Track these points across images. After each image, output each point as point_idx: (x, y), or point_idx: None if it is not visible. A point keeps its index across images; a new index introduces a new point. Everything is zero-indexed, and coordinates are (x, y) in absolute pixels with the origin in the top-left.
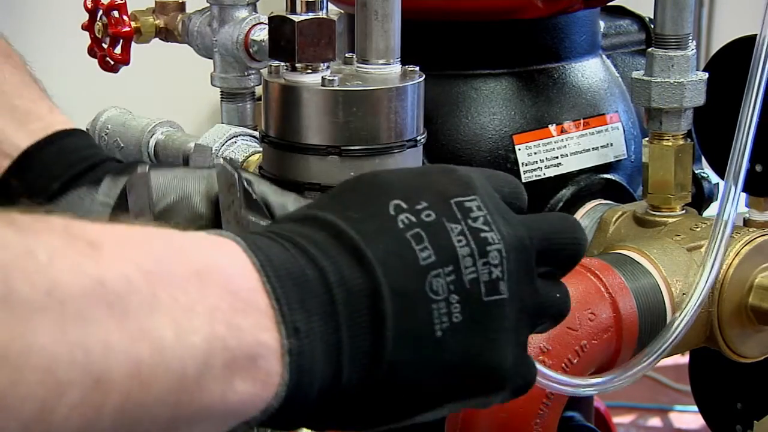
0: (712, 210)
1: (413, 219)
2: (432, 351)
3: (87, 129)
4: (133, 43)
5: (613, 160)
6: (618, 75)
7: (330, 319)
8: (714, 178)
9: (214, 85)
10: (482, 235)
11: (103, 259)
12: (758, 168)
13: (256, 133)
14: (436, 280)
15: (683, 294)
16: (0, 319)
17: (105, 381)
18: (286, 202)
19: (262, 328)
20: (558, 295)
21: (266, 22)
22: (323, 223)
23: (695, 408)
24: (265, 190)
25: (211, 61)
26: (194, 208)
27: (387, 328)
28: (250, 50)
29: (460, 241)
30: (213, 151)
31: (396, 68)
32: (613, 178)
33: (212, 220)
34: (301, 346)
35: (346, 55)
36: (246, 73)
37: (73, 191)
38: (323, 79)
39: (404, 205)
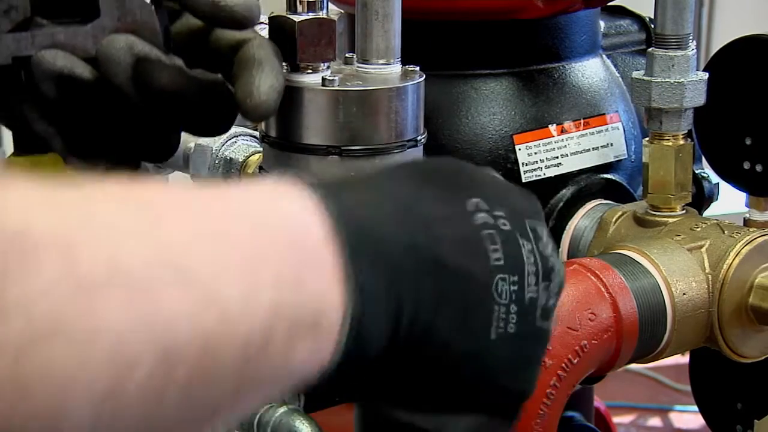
0: (712, 210)
1: (490, 221)
2: (483, 350)
3: None
4: None
5: (613, 160)
6: (618, 75)
7: (395, 285)
8: (714, 178)
9: None
10: (550, 262)
11: (164, 223)
12: (758, 168)
13: (257, 133)
14: (502, 283)
15: (683, 294)
16: (64, 295)
17: (173, 353)
18: None
19: (327, 286)
20: None
21: (266, 22)
22: (396, 195)
23: (695, 408)
24: None
25: None
26: None
27: (446, 305)
28: None
29: (528, 258)
30: (213, 151)
31: (396, 68)
32: (614, 178)
33: None
34: (363, 311)
35: (347, 55)
36: None
37: None
38: (323, 79)
39: (484, 206)
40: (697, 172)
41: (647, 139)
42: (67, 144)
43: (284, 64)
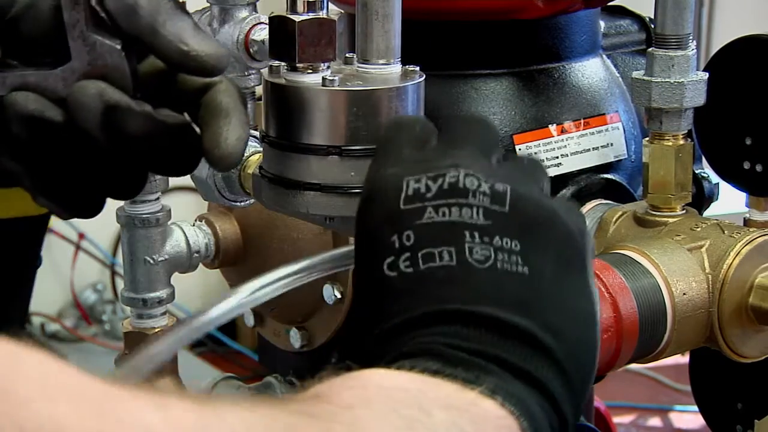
0: (712, 210)
1: (408, 254)
2: (539, 281)
3: None
4: None
5: (613, 160)
6: (618, 75)
7: (472, 352)
8: (714, 178)
9: None
10: (444, 187)
11: None
12: (758, 168)
13: (257, 133)
14: (475, 254)
15: (683, 294)
16: None
17: None
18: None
19: (454, 391)
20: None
21: (266, 22)
22: (391, 335)
23: (695, 408)
24: None
25: None
26: (42, 18)
27: (518, 319)
28: (251, 50)
29: (443, 214)
30: None
31: (396, 68)
32: (614, 178)
33: (59, 33)
34: (490, 382)
35: (347, 55)
36: (246, 73)
37: None
38: (323, 79)
39: (391, 258)
40: (697, 172)
41: (647, 139)
42: (35, 183)
43: (284, 63)
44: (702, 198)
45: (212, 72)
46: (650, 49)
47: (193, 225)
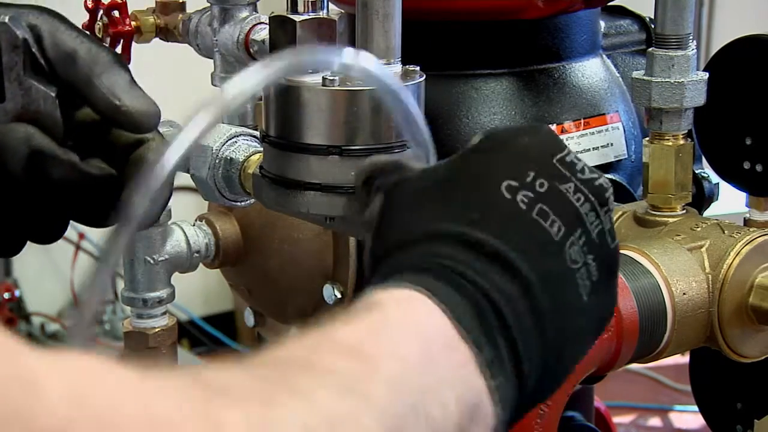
0: (712, 210)
1: (530, 195)
2: (581, 315)
3: None
4: (133, 43)
5: (613, 159)
6: (618, 75)
7: (509, 342)
8: (714, 178)
9: (215, 85)
10: (596, 183)
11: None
12: (758, 168)
13: (257, 133)
14: (572, 249)
15: (683, 294)
16: None
17: None
18: (78, 49)
19: (475, 376)
20: None
21: (267, 21)
22: (461, 240)
23: (695, 408)
24: (64, 40)
25: (212, 60)
26: None
27: (546, 321)
28: (251, 50)
29: (578, 199)
30: (213, 151)
31: (397, 68)
32: (614, 178)
33: None
34: (499, 381)
35: None
36: None
37: None
38: (324, 78)
39: (515, 183)
40: (697, 172)
41: (647, 139)
42: None
43: None
44: (702, 198)
45: (140, 129)
46: (650, 49)
47: (193, 225)
